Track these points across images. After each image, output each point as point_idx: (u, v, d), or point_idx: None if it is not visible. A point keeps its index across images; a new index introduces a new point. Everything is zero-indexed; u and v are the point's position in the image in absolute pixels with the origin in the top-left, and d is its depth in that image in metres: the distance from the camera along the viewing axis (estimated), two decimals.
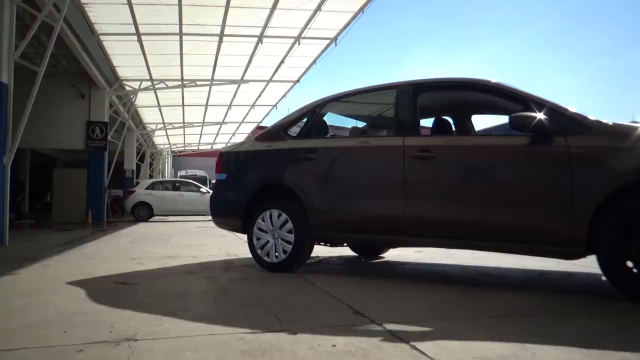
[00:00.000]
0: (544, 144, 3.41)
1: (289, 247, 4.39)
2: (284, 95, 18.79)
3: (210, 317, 2.80)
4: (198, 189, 17.19)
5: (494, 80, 3.84)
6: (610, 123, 3.29)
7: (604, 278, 3.25)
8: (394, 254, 5.81)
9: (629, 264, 3.08)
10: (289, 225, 4.41)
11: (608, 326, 2.59)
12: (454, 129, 4.69)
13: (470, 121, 4.96)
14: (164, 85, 15.86)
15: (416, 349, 2.16)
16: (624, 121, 3.33)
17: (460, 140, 4.24)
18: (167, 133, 26.19)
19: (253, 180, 4.76)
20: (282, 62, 14.17)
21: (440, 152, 3.83)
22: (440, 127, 4.42)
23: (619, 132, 3.22)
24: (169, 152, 35.37)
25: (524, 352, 2.12)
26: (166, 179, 26.50)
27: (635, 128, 3.19)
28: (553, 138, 3.37)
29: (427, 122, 4.75)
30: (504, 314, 2.86)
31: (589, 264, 3.84)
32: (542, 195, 3.42)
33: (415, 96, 4.11)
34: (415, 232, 3.89)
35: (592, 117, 3.35)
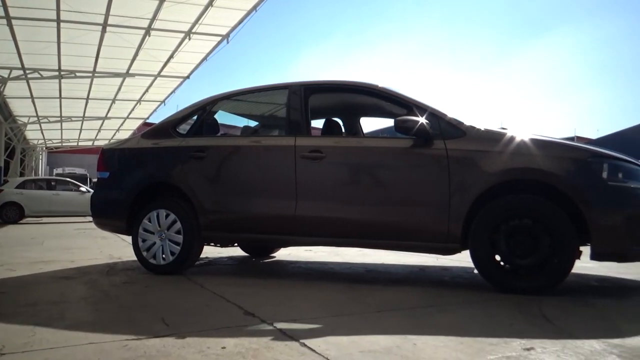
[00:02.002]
0: (425, 146, 3.63)
1: (177, 249, 4.25)
2: (173, 91, 18.18)
3: (90, 325, 2.63)
4: (77, 188, 16.00)
5: (381, 84, 4.02)
6: (482, 129, 3.59)
7: (476, 271, 3.55)
8: (284, 253, 5.86)
9: (497, 257, 3.40)
10: (177, 225, 4.27)
11: (480, 315, 2.82)
12: (343, 130, 4.84)
13: (359, 123, 5.15)
14: (38, 75, 14.59)
15: (306, 346, 2.20)
16: (494, 127, 3.66)
17: (349, 141, 4.37)
18: (41, 127, 24.15)
19: (138, 178, 4.54)
20: (171, 56, 13.69)
21: (330, 153, 3.92)
22: (330, 128, 4.53)
23: (490, 138, 3.53)
24: (44, 148, 32.65)
25: (406, 342, 2.24)
26: (40, 177, 24.37)
27: (504, 134, 3.52)
28: (433, 141, 3.61)
29: (317, 123, 4.84)
30: (389, 308, 3.00)
31: (462, 259, 4.16)
32: (423, 195, 3.64)
33: (307, 97, 4.18)
34: (306, 231, 3.96)
35: (466, 122, 3.64)
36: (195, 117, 4.70)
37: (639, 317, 2.80)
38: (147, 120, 23.53)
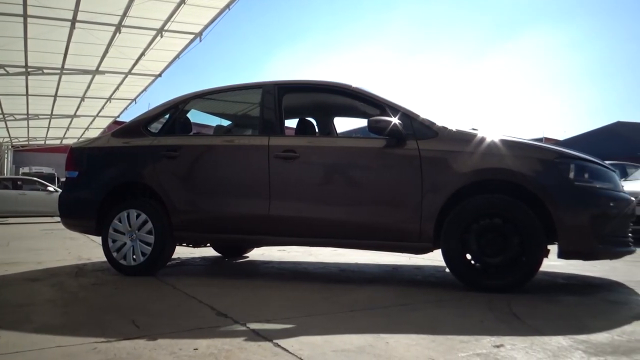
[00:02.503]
0: (398, 146, 3.66)
1: (149, 249, 4.18)
2: (145, 89, 17.91)
3: (58, 328, 2.57)
4: (44, 188, 15.60)
5: (354, 84, 4.03)
6: (454, 129, 3.64)
7: (447, 270, 3.60)
8: (257, 253, 5.83)
9: (468, 256, 3.46)
10: (149, 225, 4.20)
11: (451, 313, 2.86)
12: (317, 130, 4.84)
13: (333, 123, 5.17)
14: (4, 72, 14.18)
15: (279, 346, 2.19)
16: (465, 128, 3.71)
17: (323, 141, 4.38)
18: (7, 125, 23.45)
19: (108, 178, 4.46)
20: (142, 54, 13.48)
21: (304, 153, 3.92)
22: (304, 128, 4.54)
23: (462, 138, 3.59)
24: (10, 147, 31.75)
25: (379, 341, 2.26)
26: (5, 176, 23.68)
27: (475, 135, 3.57)
28: (406, 141, 3.64)
29: (291, 123, 4.83)
30: (362, 307, 3.02)
31: (434, 258, 4.21)
32: (396, 194, 3.67)
33: (281, 96, 4.17)
34: (280, 231, 3.95)
35: (439, 123, 3.68)
36: (167, 116, 4.64)
37: (603, 313, 2.88)
38: (118, 119, 23.10)
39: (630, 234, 3.72)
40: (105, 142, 4.77)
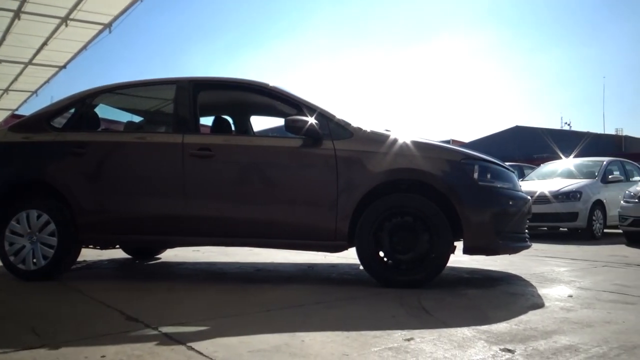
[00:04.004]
0: (314, 146, 3.70)
1: (51, 252, 3.91)
2: (47, 81, 16.72)
3: None
4: None
5: (272, 83, 4.03)
6: (368, 130, 3.74)
7: (361, 267, 3.70)
8: (170, 254, 5.65)
9: (381, 254, 3.58)
10: (51, 227, 3.93)
11: (365, 309, 2.94)
12: (233, 128, 4.78)
13: (249, 121, 5.13)
14: None
15: (193, 349, 2.14)
16: (379, 129, 3.83)
17: (239, 140, 4.34)
18: None
19: (6, 176, 4.12)
20: (45, 43, 12.58)
21: (219, 151, 3.86)
22: (219, 126, 4.46)
23: (376, 139, 3.70)
24: None
25: (294, 340, 2.28)
26: None
27: (388, 136, 3.70)
28: (322, 141, 3.69)
29: (207, 121, 4.74)
30: (278, 306, 3.02)
31: (349, 256, 4.31)
32: (312, 194, 3.71)
33: (196, 93, 4.07)
34: (194, 231, 3.86)
35: (354, 124, 3.77)
36: (73, 110, 4.36)
37: (503, 305, 3.09)
38: (16, 112, 21.43)
39: (527, 230, 4.03)
40: (1, 137, 4.40)
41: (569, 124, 39.06)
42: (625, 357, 2.07)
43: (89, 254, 5.37)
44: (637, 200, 7.38)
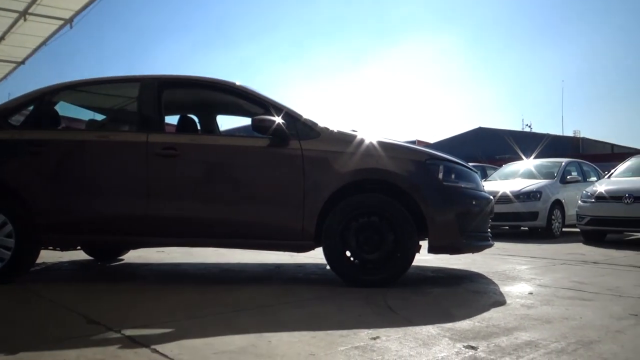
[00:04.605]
0: (281, 146, 3.70)
1: (8, 254, 3.76)
2: (5, 78, 16.15)
3: None
4: None
5: (239, 82, 4.00)
6: (335, 130, 3.76)
7: (328, 267, 3.71)
8: (134, 256, 5.54)
9: (348, 253, 3.60)
10: (8, 228, 3.79)
11: (331, 309, 2.95)
12: (199, 127, 4.72)
13: (216, 121, 5.07)
14: None
15: (157, 352, 2.11)
16: (346, 129, 3.85)
17: (205, 139, 4.29)
18: None
19: None
20: (2, 38, 12.15)
21: (185, 150, 3.81)
22: (185, 125, 4.40)
23: (342, 139, 3.72)
24: None
25: (261, 340, 2.27)
26: None
27: (355, 136, 3.72)
28: (289, 141, 3.69)
29: (172, 120, 4.67)
30: (245, 307, 3.00)
31: (316, 255, 4.32)
32: (278, 193, 3.70)
33: (161, 91, 4.00)
34: (158, 231, 3.79)
35: (321, 124, 3.78)
36: (31, 108, 4.22)
37: (466, 302, 3.16)
38: None
39: (489, 230, 4.12)
40: None
41: (529, 126, 40.13)
42: (583, 351, 2.14)
43: (48, 256, 5.21)
44: (593, 200, 7.64)
